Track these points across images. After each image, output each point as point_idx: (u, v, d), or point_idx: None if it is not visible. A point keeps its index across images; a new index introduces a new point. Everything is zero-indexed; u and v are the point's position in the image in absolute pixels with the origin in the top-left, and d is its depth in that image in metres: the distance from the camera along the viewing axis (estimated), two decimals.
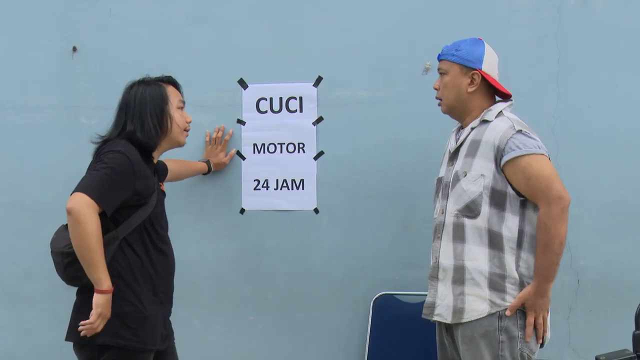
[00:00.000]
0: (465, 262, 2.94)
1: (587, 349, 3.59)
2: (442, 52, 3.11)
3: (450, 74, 3.06)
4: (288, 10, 3.84)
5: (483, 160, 2.93)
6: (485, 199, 2.91)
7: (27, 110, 4.00)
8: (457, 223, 2.97)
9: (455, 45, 3.08)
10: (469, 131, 3.04)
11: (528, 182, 2.85)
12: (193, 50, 3.89)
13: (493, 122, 2.97)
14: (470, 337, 2.92)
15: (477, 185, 2.91)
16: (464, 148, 3.02)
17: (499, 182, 2.90)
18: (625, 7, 3.59)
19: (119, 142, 2.98)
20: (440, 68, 3.11)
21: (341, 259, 3.82)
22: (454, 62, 3.05)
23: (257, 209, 3.88)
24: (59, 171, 3.89)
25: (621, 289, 3.58)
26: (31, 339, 4.03)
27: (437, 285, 3.03)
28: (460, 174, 2.98)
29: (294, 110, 3.83)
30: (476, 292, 2.92)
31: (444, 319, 2.99)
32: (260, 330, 3.91)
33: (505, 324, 2.89)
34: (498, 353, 2.88)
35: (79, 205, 2.76)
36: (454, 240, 2.98)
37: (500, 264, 2.91)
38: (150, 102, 3.06)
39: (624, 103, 3.59)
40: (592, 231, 3.58)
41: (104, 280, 2.86)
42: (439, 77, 3.12)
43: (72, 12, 3.97)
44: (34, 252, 3.75)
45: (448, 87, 3.07)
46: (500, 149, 2.88)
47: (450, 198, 3.01)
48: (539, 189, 2.83)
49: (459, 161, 3.03)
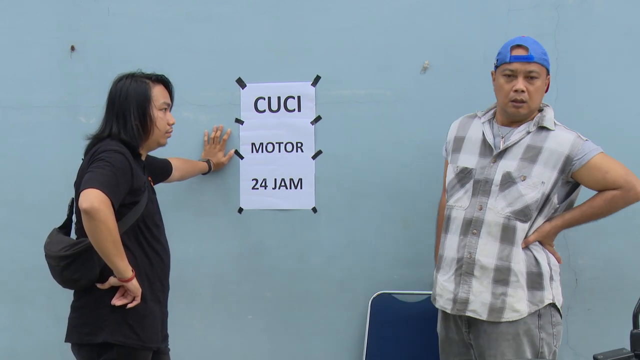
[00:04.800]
0: (512, 265, 3.01)
1: (585, 347, 3.60)
2: (533, 54, 3.01)
3: (541, 79, 3.04)
4: (287, 10, 3.83)
5: (546, 169, 3.00)
6: (538, 205, 3.01)
7: (26, 109, 4.00)
8: (508, 225, 3.02)
9: (541, 47, 3.05)
10: (523, 134, 3.07)
11: (606, 176, 3.01)
12: (191, 49, 3.88)
13: (556, 132, 3.05)
14: (514, 335, 3.02)
15: (537, 191, 3.00)
16: (517, 150, 3.05)
17: (553, 190, 3.02)
18: (624, 5, 3.58)
19: (111, 142, 2.97)
20: (533, 71, 3.01)
21: (339, 258, 3.83)
22: (545, 66, 3.05)
23: (255, 208, 3.88)
24: (59, 170, 3.89)
25: (619, 288, 3.58)
26: (32, 338, 4.04)
27: (471, 282, 3.06)
28: (516, 176, 3.02)
29: (292, 110, 3.83)
30: (519, 294, 3.01)
31: (478, 315, 3.05)
32: (259, 329, 3.91)
33: (543, 322, 3.03)
34: (538, 350, 3.02)
35: (97, 203, 2.73)
36: (501, 241, 3.03)
37: (535, 262, 3.03)
38: (133, 101, 3.04)
39: (622, 102, 3.58)
40: (590, 230, 3.56)
41: (127, 268, 2.90)
42: (522, 79, 3.02)
43: (71, 11, 3.96)
44: (34, 251, 3.73)
45: (539, 91, 3.06)
46: (570, 158, 3.00)
47: (497, 198, 3.03)
48: (619, 178, 3.02)
49: (508, 162, 3.05)
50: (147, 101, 3.07)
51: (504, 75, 3.05)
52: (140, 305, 2.99)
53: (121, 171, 2.87)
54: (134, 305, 2.97)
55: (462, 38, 3.66)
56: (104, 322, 2.95)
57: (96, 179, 2.79)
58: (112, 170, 2.83)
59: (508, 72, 3.03)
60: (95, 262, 2.90)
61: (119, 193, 2.85)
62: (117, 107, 3.05)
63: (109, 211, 2.77)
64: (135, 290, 2.95)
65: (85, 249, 2.88)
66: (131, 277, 2.92)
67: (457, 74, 3.68)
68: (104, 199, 2.75)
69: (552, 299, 3.04)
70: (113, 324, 2.95)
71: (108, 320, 2.95)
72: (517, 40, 3.05)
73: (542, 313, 3.03)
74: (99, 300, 2.97)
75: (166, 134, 3.16)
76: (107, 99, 3.10)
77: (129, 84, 3.07)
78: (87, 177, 2.81)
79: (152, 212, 3.10)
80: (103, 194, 2.75)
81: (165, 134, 3.15)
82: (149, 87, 3.09)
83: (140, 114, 3.05)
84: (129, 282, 2.92)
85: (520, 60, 3.01)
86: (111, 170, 2.83)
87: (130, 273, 2.92)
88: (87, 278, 2.94)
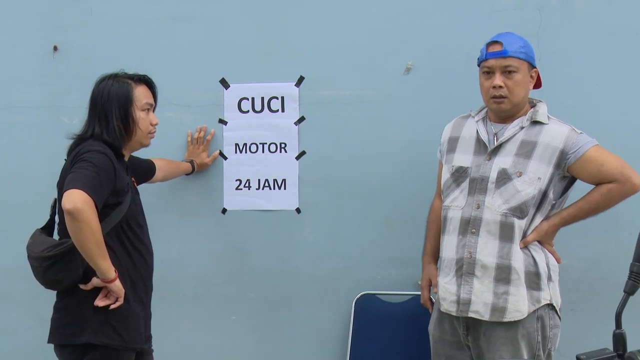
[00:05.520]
0: (513, 262, 3.00)
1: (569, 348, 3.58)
2: (508, 49, 3.00)
3: (521, 72, 3.02)
4: (271, 10, 3.82)
5: (541, 164, 2.99)
6: (535, 201, 3.00)
7: (9, 110, 3.98)
8: (506, 222, 3.01)
9: (516, 40, 3.04)
10: (516, 129, 3.06)
11: (601, 168, 2.99)
12: (175, 49, 3.87)
13: (550, 126, 3.04)
14: (512, 339, 3.00)
15: (533, 187, 2.98)
16: (511, 146, 3.04)
17: (549, 186, 3.00)
18: (607, 6, 3.59)
19: (94, 142, 2.96)
20: (510, 65, 3.00)
21: (323, 258, 3.83)
22: (524, 59, 3.03)
23: (239, 208, 3.87)
24: (42, 170, 3.86)
25: (603, 288, 3.59)
26: (14, 339, 4.02)
27: (472, 282, 3.04)
28: (512, 173, 3.00)
29: (276, 110, 3.82)
30: (521, 293, 2.99)
31: (481, 316, 3.02)
32: (243, 329, 3.91)
33: (541, 325, 3.01)
34: (535, 352, 3.01)
35: (80, 203, 2.72)
36: (500, 239, 3.01)
37: (533, 262, 3.02)
38: (115, 102, 3.02)
39: (606, 102, 3.60)
40: (575, 230, 3.57)
41: (110, 268, 2.89)
42: (499, 74, 3.01)
43: (54, 11, 3.94)
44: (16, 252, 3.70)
45: (520, 85, 3.03)
46: (565, 152, 2.98)
47: (494, 195, 3.02)
48: (615, 170, 3.00)
49: (503, 158, 3.04)
50: (129, 102, 3.05)
51: (484, 73, 3.07)
52: (123, 306, 2.98)
53: (104, 172, 2.86)
54: (117, 306, 2.95)
55: (446, 39, 3.67)
56: (87, 323, 2.94)
57: (79, 179, 2.77)
58: (95, 171, 2.82)
59: (486, 69, 3.05)
60: (78, 263, 2.89)
61: (102, 194, 2.84)
62: (99, 107, 3.03)
63: (92, 212, 2.76)
64: (118, 291, 2.94)
65: (68, 249, 2.87)
66: (114, 277, 2.91)
67: (441, 75, 3.68)
68: (87, 199, 2.74)
69: (549, 300, 3.03)
70: (96, 325, 2.94)
71: (91, 321, 2.94)
72: (494, 37, 3.07)
73: (541, 315, 3.01)
74: (81, 301, 2.95)
75: (149, 135, 3.15)
76: (90, 100, 3.08)
77: (110, 84, 3.05)
78: (70, 178, 2.80)
79: (135, 212, 3.09)
80: (86, 195, 2.74)
81: (148, 134, 3.14)
82: (131, 87, 3.07)
83: (122, 115, 3.03)
84: (112, 282, 2.91)
85: (494, 56, 3.02)
86: (94, 171, 2.81)
87: (113, 274, 2.90)
88: (70, 279, 2.92)
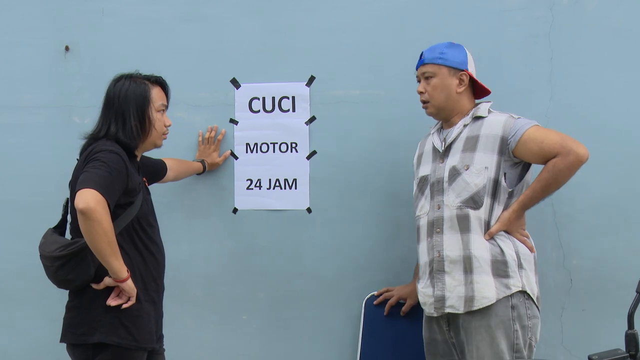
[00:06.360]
0: (472, 251, 3.06)
1: (580, 348, 3.59)
2: (425, 57, 3.23)
3: (438, 77, 3.19)
4: (281, 10, 3.83)
5: (485, 154, 3.09)
6: (487, 190, 3.07)
7: (19, 110, 3.99)
8: (461, 214, 3.09)
9: (437, 48, 3.23)
10: (461, 129, 3.18)
11: (542, 145, 3.02)
12: (186, 49, 3.88)
13: (488, 118, 3.16)
14: (486, 327, 3.03)
15: (482, 177, 3.07)
16: (458, 144, 3.16)
17: (499, 174, 3.07)
18: (618, 5, 3.59)
19: (106, 142, 2.97)
20: (426, 72, 3.22)
21: (334, 258, 3.82)
22: (442, 64, 3.18)
23: (249, 208, 3.87)
24: (52, 170, 3.87)
25: (614, 288, 3.57)
26: (24, 339, 4.01)
27: (443, 278, 3.10)
28: (460, 168, 3.10)
29: (287, 110, 3.82)
30: (484, 280, 3.04)
31: (456, 310, 3.07)
32: (253, 329, 3.90)
33: (517, 314, 3.02)
34: (514, 342, 3.01)
35: (93, 203, 2.72)
36: (461, 231, 3.09)
37: (500, 251, 3.05)
38: (132, 102, 3.04)
39: (616, 102, 3.58)
40: (584, 230, 3.58)
41: (123, 268, 2.90)
42: (422, 81, 3.24)
43: (65, 11, 3.95)
44: (27, 252, 3.73)
45: (438, 89, 3.19)
46: (505, 138, 3.07)
47: (448, 192, 3.11)
48: (555, 144, 3.01)
49: (452, 157, 3.15)
50: (147, 103, 3.07)
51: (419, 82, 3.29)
52: (135, 305, 2.99)
53: (117, 171, 2.87)
54: (129, 305, 2.96)
55: (455, 38, 3.65)
56: (99, 323, 2.95)
57: (92, 179, 2.78)
58: (107, 170, 2.83)
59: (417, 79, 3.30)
60: (90, 263, 2.90)
61: (114, 193, 2.85)
62: (115, 107, 3.05)
63: (105, 211, 2.76)
64: (130, 290, 2.94)
65: (80, 249, 2.88)
66: (126, 277, 2.92)
67: None
68: (100, 199, 2.75)
69: (521, 287, 3.04)
70: (108, 325, 2.95)
71: (103, 320, 2.95)
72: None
73: (516, 304, 3.03)
74: (93, 301, 2.96)
75: (163, 136, 3.17)
76: (105, 99, 3.10)
77: (128, 84, 3.07)
78: (83, 177, 2.81)
79: (146, 212, 3.10)
80: (99, 194, 2.75)
81: (162, 135, 3.16)
82: (149, 88, 3.10)
83: (140, 115, 3.05)
84: (124, 282, 2.92)
85: (417, 66, 3.29)
86: (107, 171, 2.83)
87: (125, 273, 2.91)
88: (82, 278, 2.94)
